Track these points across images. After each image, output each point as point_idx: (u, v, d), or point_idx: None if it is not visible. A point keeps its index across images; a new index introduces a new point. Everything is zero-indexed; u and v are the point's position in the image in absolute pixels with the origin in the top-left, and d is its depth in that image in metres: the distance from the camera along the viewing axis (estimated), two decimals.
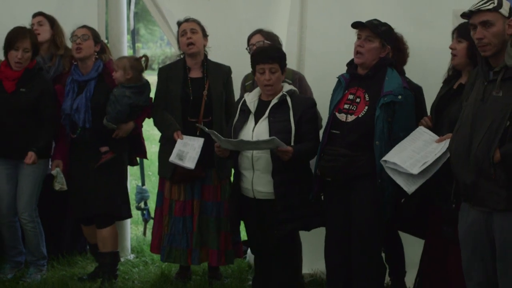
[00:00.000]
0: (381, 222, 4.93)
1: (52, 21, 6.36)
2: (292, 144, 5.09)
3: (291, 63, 5.84)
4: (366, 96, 4.93)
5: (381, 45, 4.94)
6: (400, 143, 4.73)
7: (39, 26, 6.29)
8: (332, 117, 5.01)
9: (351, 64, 5.08)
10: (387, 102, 4.81)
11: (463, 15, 4.23)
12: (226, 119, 5.80)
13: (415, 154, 4.62)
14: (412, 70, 5.41)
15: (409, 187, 4.62)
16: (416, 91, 5.17)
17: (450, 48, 4.79)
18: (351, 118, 4.92)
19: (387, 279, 5.54)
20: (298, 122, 5.13)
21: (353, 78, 5.04)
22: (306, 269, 6.07)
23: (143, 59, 6.01)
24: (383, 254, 5.26)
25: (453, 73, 4.87)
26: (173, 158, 5.66)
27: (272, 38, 5.73)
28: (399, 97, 4.83)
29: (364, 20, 5.00)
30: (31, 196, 6.09)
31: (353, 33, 5.02)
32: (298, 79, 5.70)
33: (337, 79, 5.14)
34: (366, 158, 4.86)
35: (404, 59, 5.38)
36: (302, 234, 5.65)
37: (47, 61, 6.31)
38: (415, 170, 4.54)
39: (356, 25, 4.98)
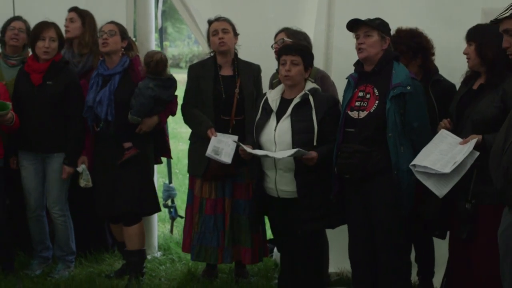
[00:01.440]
0: (401, 214, 4.92)
1: (84, 18, 6.40)
2: (315, 143, 5.09)
3: (318, 61, 5.84)
4: (375, 91, 4.96)
5: (380, 37, 4.97)
6: (425, 148, 4.75)
7: (70, 23, 6.37)
8: (345, 116, 5.03)
9: (358, 63, 5.12)
10: (397, 94, 4.84)
11: (493, 23, 4.20)
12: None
13: (443, 156, 4.63)
14: (441, 69, 5.41)
15: (441, 191, 4.61)
16: (448, 89, 5.23)
17: (464, 53, 4.83)
18: (363, 114, 4.95)
19: (415, 278, 5.51)
20: (321, 121, 5.13)
21: (361, 76, 5.08)
22: (332, 268, 6.06)
23: (159, 56, 5.99)
24: (413, 253, 5.24)
25: (472, 74, 4.88)
26: (209, 153, 5.65)
27: (296, 37, 5.69)
28: (408, 87, 4.85)
29: (390, 18, 5.05)
30: (60, 190, 6.14)
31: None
32: (320, 78, 5.66)
33: (346, 80, 5.17)
34: (381, 152, 4.88)
35: (428, 57, 5.40)
36: (329, 233, 5.64)
37: (77, 57, 6.37)
38: (448, 169, 4.53)
39: (351, 24, 5.02)
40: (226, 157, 5.62)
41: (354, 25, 5.01)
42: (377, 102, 4.92)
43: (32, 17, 6.22)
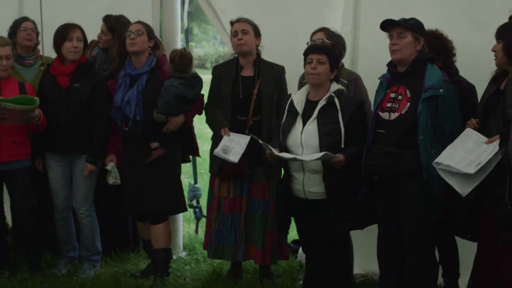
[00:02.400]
0: (430, 218, 4.89)
1: (114, 30, 6.41)
2: (343, 145, 5.08)
3: (345, 62, 5.82)
4: (408, 92, 4.93)
5: (414, 38, 4.94)
6: (450, 146, 4.71)
7: (102, 35, 6.44)
8: (376, 117, 5.01)
9: (391, 64, 5.08)
10: (429, 96, 4.81)
11: None
12: (277, 119, 5.78)
13: (467, 155, 4.59)
14: (468, 70, 5.39)
15: (464, 189, 4.58)
16: (468, 89, 5.20)
17: (492, 50, 4.78)
18: (394, 115, 4.92)
19: (440, 280, 5.48)
20: (348, 123, 5.11)
21: (394, 77, 5.05)
22: (357, 270, 6.04)
23: (179, 52, 6.02)
24: (437, 255, 5.21)
25: (500, 72, 4.84)
26: (218, 151, 5.69)
27: (334, 39, 5.65)
28: (441, 90, 4.82)
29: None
30: (87, 190, 6.19)
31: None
32: (353, 80, 5.66)
33: (379, 80, 5.13)
34: (412, 155, 4.85)
35: (449, 58, 5.38)
36: (354, 235, 5.62)
37: (109, 63, 6.42)
38: (472, 170, 4.50)
39: (385, 24, 4.99)
40: (234, 156, 5.65)
41: (387, 25, 4.98)
42: (408, 103, 4.89)
43: (58, 18, 6.25)
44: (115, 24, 6.42)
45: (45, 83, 6.09)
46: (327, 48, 5.25)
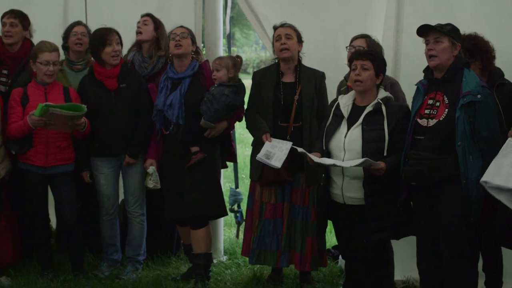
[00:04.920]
0: (469, 224, 4.85)
1: (157, 24, 6.47)
2: (385, 153, 5.06)
3: (387, 67, 5.79)
4: (445, 99, 4.90)
5: (451, 43, 4.90)
6: (494, 160, 4.67)
7: (143, 25, 6.43)
8: (413, 124, 4.98)
9: (427, 70, 5.05)
10: (467, 102, 4.77)
11: None
12: (318, 124, 5.78)
13: None
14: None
15: None
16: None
17: None
18: (432, 122, 4.90)
19: None
20: (392, 131, 5.09)
21: (431, 83, 5.02)
22: (398, 276, 5.99)
23: (238, 59, 6.05)
24: (480, 262, 5.16)
25: None
26: (260, 156, 5.69)
27: (374, 48, 5.66)
28: (479, 96, 4.78)
29: (459, 22, 5.00)
30: (141, 190, 6.29)
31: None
32: (390, 84, 5.63)
33: (415, 87, 5.11)
34: (450, 160, 4.81)
35: (489, 59, 5.34)
36: (394, 241, 5.58)
37: (147, 60, 6.43)
38: None
39: (421, 30, 4.96)
40: (277, 162, 5.64)
41: (424, 30, 4.95)
42: (446, 110, 4.86)
43: (103, 21, 6.32)
44: (157, 19, 6.48)
45: (89, 89, 6.14)
46: (371, 54, 5.23)
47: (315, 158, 5.14)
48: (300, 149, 5.28)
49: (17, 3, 6.80)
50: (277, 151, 5.68)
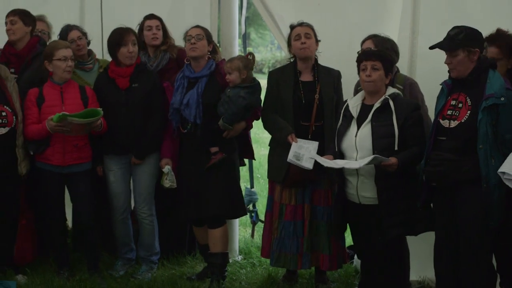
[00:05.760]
0: (488, 227, 4.83)
1: (163, 25, 6.52)
2: (396, 148, 5.06)
3: (403, 68, 5.80)
4: (468, 100, 4.87)
5: (466, 53, 4.85)
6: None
7: (157, 30, 6.46)
8: (436, 124, 4.97)
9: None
10: (490, 105, 4.73)
11: None
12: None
13: None
14: None
15: None
16: None
17: None
18: (454, 123, 4.87)
19: None
20: (402, 126, 5.09)
21: (455, 84, 4.99)
22: (414, 276, 5.99)
23: (250, 56, 6.04)
24: (494, 263, 5.14)
25: None
26: (291, 158, 5.66)
27: (384, 45, 5.63)
28: (502, 99, 4.73)
29: (476, 22, 4.97)
30: (149, 190, 6.30)
31: None
32: (409, 85, 5.63)
33: (437, 86, 5.08)
34: (471, 163, 4.78)
35: None
36: (410, 241, 5.58)
37: (152, 59, 6.47)
38: None
39: (434, 48, 4.93)
40: (308, 163, 5.61)
41: (440, 47, 4.92)
42: (469, 112, 4.83)
43: (118, 21, 6.34)
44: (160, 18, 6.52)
45: (102, 86, 6.19)
46: (380, 54, 5.23)
47: (325, 161, 5.15)
48: (314, 145, 5.27)
49: (35, 3, 6.85)
50: (305, 152, 5.65)
